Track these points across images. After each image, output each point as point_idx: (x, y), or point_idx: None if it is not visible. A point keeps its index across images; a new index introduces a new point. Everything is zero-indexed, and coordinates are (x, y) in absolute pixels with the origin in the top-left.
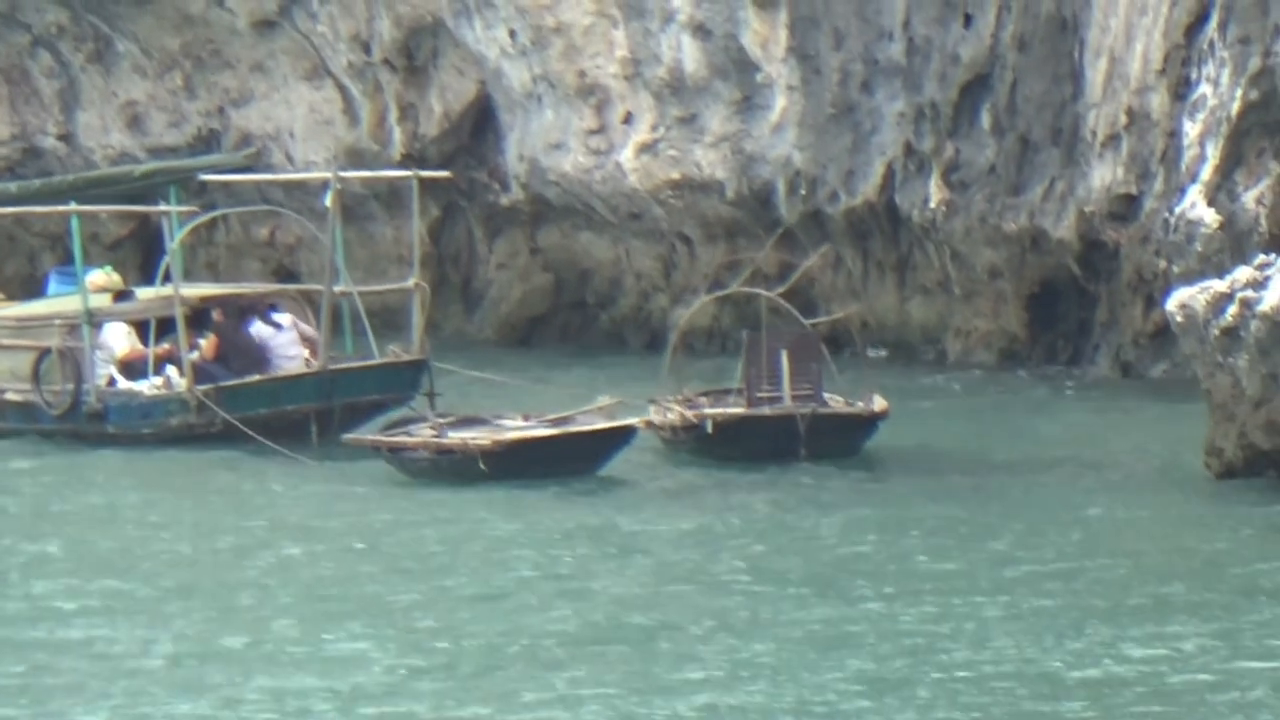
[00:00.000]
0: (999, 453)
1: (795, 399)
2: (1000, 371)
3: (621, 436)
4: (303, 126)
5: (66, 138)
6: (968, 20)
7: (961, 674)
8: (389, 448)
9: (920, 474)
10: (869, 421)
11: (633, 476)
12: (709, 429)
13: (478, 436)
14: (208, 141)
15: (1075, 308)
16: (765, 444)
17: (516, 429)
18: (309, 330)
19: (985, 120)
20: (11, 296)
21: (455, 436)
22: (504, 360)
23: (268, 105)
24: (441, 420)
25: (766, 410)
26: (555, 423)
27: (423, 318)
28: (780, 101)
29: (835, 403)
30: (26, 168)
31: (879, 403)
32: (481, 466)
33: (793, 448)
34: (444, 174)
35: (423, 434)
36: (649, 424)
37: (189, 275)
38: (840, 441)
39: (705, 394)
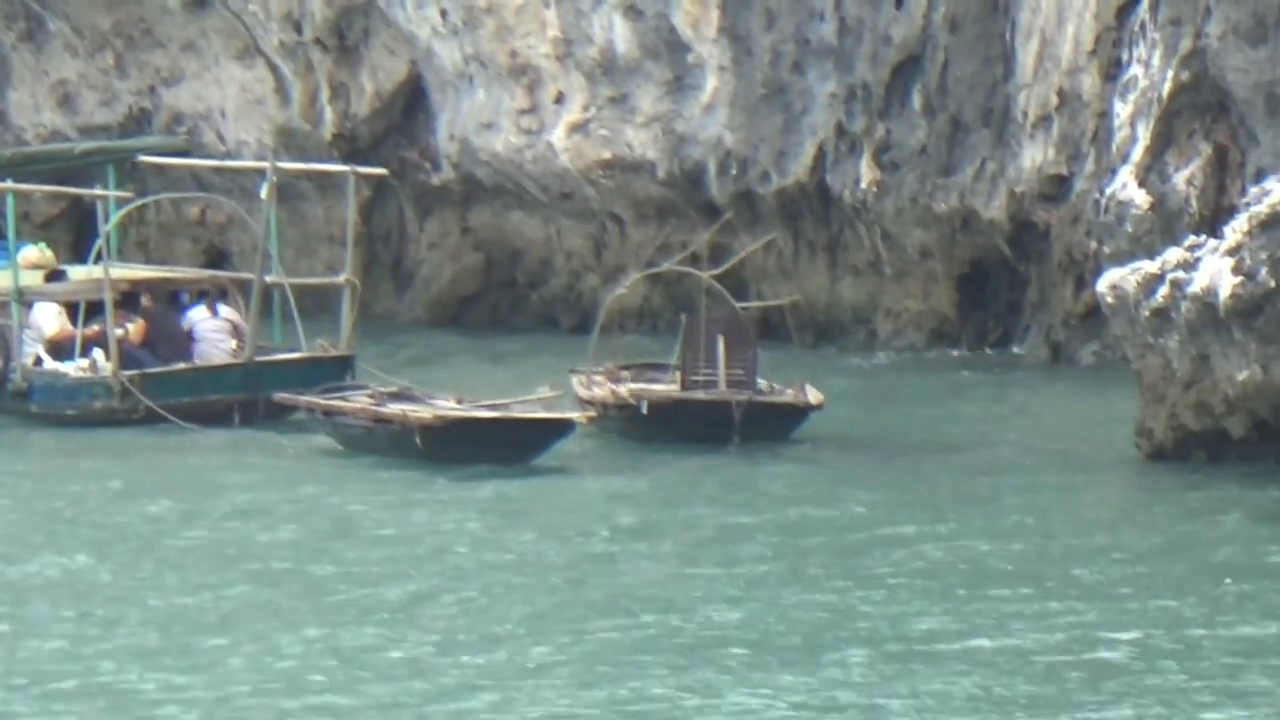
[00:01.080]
0: (928, 435)
1: (730, 383)
2: (930, 352)
3: (561, 429)
4: (234, 106)
5: None
6: (899, 1)
7: (885, 653)
8: (324, 410)
9: (850, 458)
10: (802, 411)
11: (566, 458)
12: (644, 409)
13: (418, 410)
14: (139, 121)
15: (1006, 288)
16: (699, 428)
17: (454, 409)
18: (242, 324)
19: (916, 101)
20: None
21: (394, 408)
22: (434, 340)
23: (199, 84)
24: (382, 390)
25: (702, 395)
26: (491, 409)
27: (353, 314)
28: (711, 82)
29: (766, 387)
30: None
31: (814, 394)
32: (417, 442)
33: (726, 433)
34: (380, 171)
35: (360, 401)
36: (590, 420)
37: (120, 254)
38: (773, 428)
39: (627, 368)
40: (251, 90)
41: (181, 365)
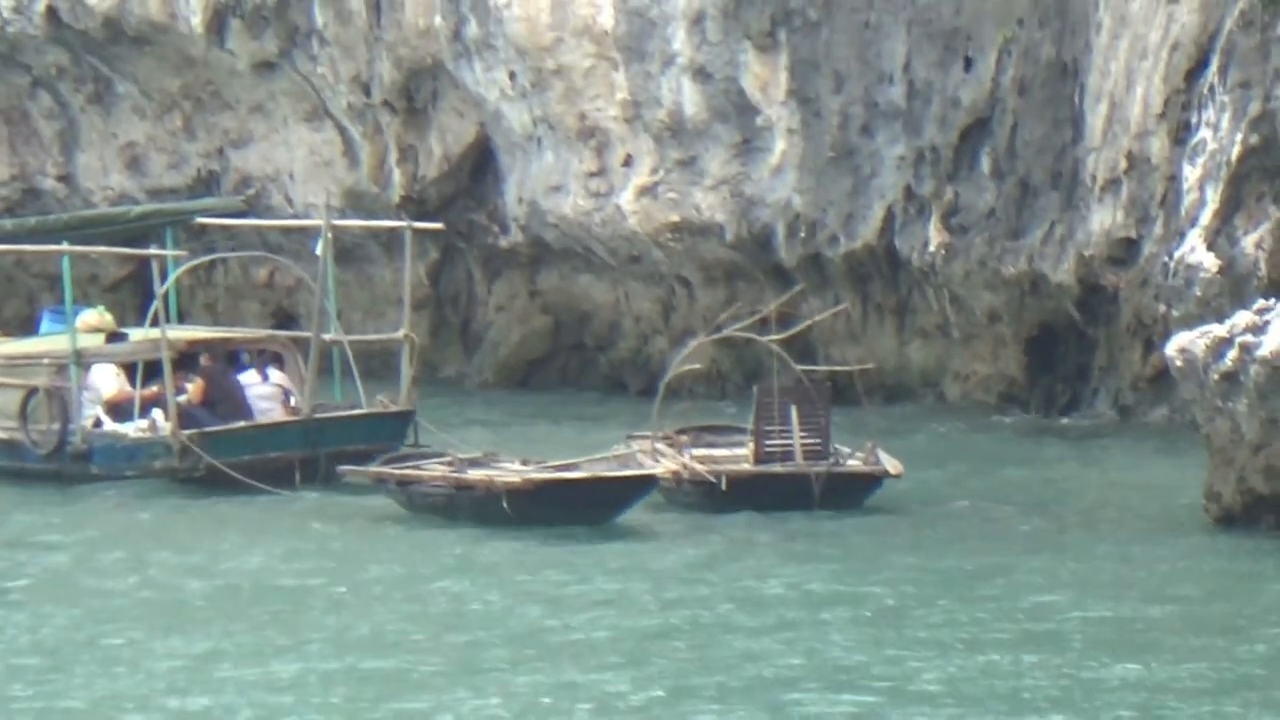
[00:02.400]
0: (998, 498)
1: (805, 452)
2: (999, 415)
3: (645, 485)
4: (302, 168)
5: (66, 179)
6: (968, 64)
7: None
8: (399, 480)
9: (923, 521)
10: (878, 479)
11: (648, 525)
12: (723, 485)
13: (504, 474)
14: (207, 183)
15: (1074, 351)
16: (777, 499)
17: (540, 472)
18: (293, 390)
19: (985, 164)
20: (10, 336)
21: (478, 473)
22: (502, 403)
23: (267, 147)
24: (461, 457)
25: (779, 468)
26: (561, 469)
27: (411, 369)
28: (780, 144)
29: (843, 454)
30: (26, 208)
31: (892, 464)
32: (505, 506)
33: (803, 503)
34: (436, 226)
35: (437, 469)
36: (677, 473)
37: (187, 317)
38: (849, 496)
39: (683, 431)
40: (320, 153)
41: (241, 424)
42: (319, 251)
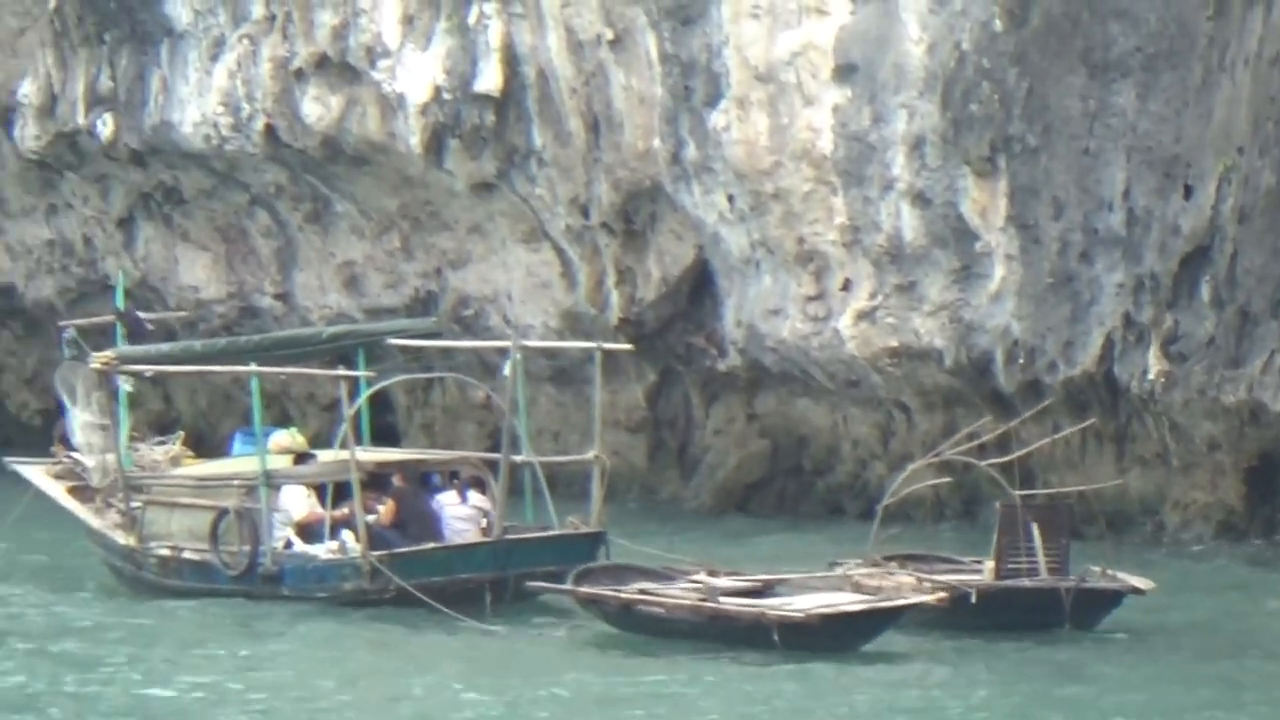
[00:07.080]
0: (1230, 630)
1: (1049, 570)
2: (1218, 545)
3: (906, 611)
4: (520, 289)
5: (284, 297)
6: (1188, 192)
7: None
8: (623, 604)
9: (1159, 653)
10: (1120, 597)
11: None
12: (973, 598)
13: (776, 605)
14: (425, 303)
15: None
16: (1023, 615)
17: (733, 588)
18: (492, 511)
19: (1205, 292)
20: (200, 458)
21: (736, 602)
22: (718, 525)
23: (485, 267)
24: (710, 580)
25: (1027, 582)
26: (768, 585)
27: (602, 490)
28: (999, 270)
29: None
30: (243, 326)
31: (1141, 580)
32: (775, 638)
33: (1051, 620)
34: (626, 347)
35: (683, 597)
36: (941, 601)
37: (404, 438)
38: (1093, 615)
39: (891, 558)
40: (538, 274)
41: (430, 545)
42: (506, 372)
